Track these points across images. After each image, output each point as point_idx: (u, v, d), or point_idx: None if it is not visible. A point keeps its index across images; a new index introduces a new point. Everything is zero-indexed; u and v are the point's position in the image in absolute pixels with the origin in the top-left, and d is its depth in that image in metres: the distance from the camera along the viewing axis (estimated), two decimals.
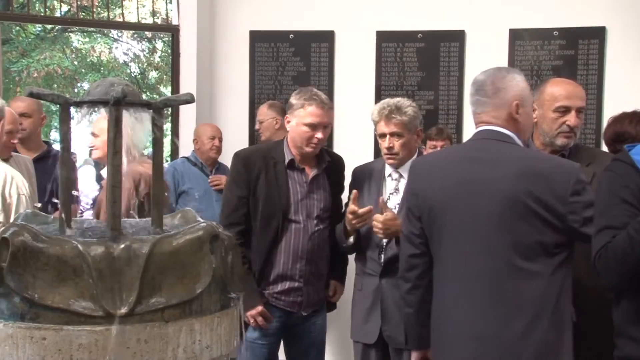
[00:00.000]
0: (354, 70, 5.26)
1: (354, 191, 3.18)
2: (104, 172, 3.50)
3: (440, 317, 2.49)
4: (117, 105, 1.82)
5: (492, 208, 2.33)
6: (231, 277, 1.86)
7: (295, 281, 3.37)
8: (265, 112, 4.78)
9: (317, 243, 3.39)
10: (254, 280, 3.32)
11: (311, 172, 3.41)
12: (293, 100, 3.34)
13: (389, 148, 3.19)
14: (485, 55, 5.04)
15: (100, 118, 3.44)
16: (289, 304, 3.38)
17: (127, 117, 1.89)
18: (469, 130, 5.09)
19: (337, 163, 3.55)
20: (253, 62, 5.42)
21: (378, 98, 5.03)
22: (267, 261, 3.33)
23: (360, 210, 3.12)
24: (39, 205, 3.63)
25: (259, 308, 3.30)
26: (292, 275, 3.36)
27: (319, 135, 3.29)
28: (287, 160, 3.36)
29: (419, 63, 5.22)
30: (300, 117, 3.29)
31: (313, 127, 3.27)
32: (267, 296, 3.36)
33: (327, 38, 5.30)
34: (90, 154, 3.37)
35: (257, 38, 5.39)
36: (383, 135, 3.22)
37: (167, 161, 6.26)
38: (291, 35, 5.35)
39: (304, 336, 3.52)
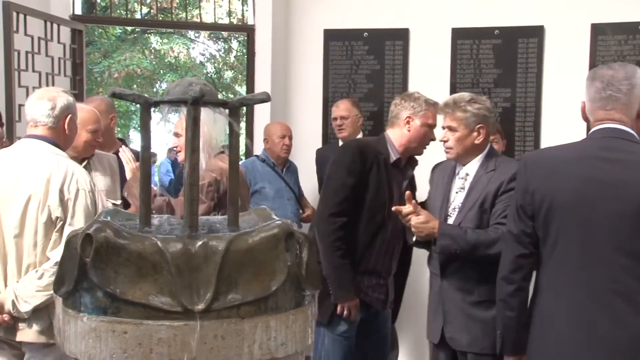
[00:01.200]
0: (429, 68, 5.19)
1: (407, 192, 3.18)
2: None
3: (549, 321, 2.40)
4: (195, 104, 1.85)
5: (626, 210, 2.25)
6: (306, 275, 1.87)
7: (381, 278, 3.40)
8: (350, 108, 4.83)
9: (401, 242, 3.42)
10: (351, 273, 3.32)
11: (407, 173, 3.47)
12: (412, 102, 3.38)
13: (444, 141, 3.17)
14: (565, 51, 4.90)
15: (184, 118, 3.51)
16: (374, 300, 3.41)
17: (205, 116, 1.93)
18: (547, 128, 4.97)
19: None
20: (327, 60, 5.42)
21: None
22: (363, 254, 3.35)
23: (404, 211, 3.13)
24: (119, 202, 3.72)
25: (357, 301, 3.33)
26: (381, 271, 3.39)
27: (434, 136, 3.41)
28: (393, 158, 3.39)
29: (496, 60, 5.11)
30: (425, 117, 3.36)
31: (432, 128, 3.40)
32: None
33: (401, 36, 5.25)
34: (169, 153, 3.44)
35: (332, 37, 5.39)
36: (443, 128, 3.20)
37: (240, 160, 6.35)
38: (365, 33, 5.33)
39: (376, 330, 3.56)
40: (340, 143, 4.92)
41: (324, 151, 5.09)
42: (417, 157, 3.54)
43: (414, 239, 3.20)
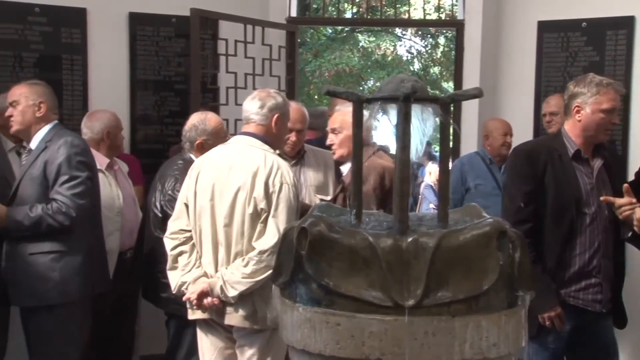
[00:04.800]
0: None
1: (625, 184, 2.97)
2: (344, 168, 3.60)
3: None
4: (406, 101, 1.86)
5: None
6: (519, 275, 1.80)
7: (592, 277, 3.20)
8: (561, 104, 4.61)
9: (612, 235, 3.20)
10: (550, 280, 3.19)
11: (595, 162, 3.27)
12: (580, 88, 3.21)
13: None
14: None
15: (342, 111, 3.59)
16: (588, 303, 3.21)
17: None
18: None
19: (615, 155, 3.33)
20: (540, 53, 5.21)
21: None
22: (561, 257, 3.18)
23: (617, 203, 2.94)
24: (328, 198, 3.83)
25: (558, 309, 3.18)
26: (590, 271, 3.19)
27: (616, 119, 3.20)
28: (571, 152, 3.23)
29: None
30: (598, 103, 3.16)
31: (610, 112, 3.17)
32: (563, 295, 3.21)
33: (625, 24, 4.88)
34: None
35: (546, 28, 5.16)
36: None
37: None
38: (584, 23, 5.04)
39: (595, 339, 3.35)
40: None
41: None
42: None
43: (629, 234, 2.99)
